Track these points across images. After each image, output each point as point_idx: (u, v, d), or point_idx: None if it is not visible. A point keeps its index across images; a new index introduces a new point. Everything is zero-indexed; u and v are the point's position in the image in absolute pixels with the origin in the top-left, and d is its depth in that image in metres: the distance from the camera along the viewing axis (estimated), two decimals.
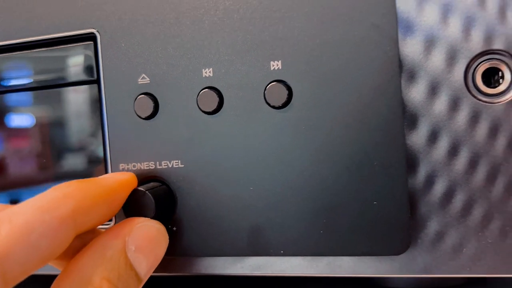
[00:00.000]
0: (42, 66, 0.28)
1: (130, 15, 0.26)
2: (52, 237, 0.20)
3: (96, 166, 0.28)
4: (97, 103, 0.27)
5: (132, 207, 0.24)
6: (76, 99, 0.28)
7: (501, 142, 0.23)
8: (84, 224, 0.21)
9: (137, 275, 0.22)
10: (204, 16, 0.25)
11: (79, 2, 0.27)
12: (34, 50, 0.28)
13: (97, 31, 0.26)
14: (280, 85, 0.24)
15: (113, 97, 0.26)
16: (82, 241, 0.23)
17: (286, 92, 0.24)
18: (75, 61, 0.28)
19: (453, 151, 0.24)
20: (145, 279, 0.22)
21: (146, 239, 0.22)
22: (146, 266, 0.22)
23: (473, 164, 0.23)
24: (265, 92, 0.24)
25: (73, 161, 0.28)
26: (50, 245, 0.20)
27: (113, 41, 0.26)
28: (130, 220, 0.23)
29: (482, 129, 0.23)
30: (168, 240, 0.24)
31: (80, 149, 0.28)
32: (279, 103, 0.24)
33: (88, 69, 0.27)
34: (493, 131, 0.23)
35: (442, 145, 0.24)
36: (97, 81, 0.27)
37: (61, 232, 0.20)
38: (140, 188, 0.24)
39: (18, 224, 0.19)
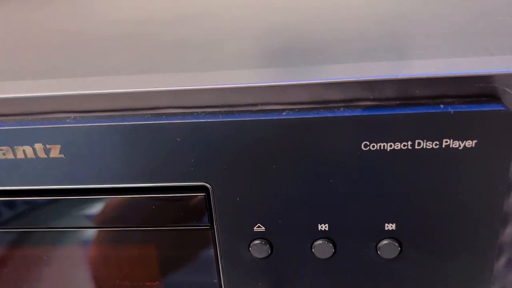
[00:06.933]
0: (158, 208, 0.29)
1: (247, 174, 0.27)
2: None
3: None
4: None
5: None
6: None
7: None
8: None
9: None
10: (318, 177, 0.27)
11: (192, 156, 0.27)
12: (150, 195, 0.28)
13: (209, 184, 0.27)
14: None
15: (227, 240, 0.29)
16: None
17: None
18: (189, 208, 0.28)
19: None
20: None
21: None
22: None
23: None
24: (378, 246, 0.28)
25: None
26: None
27: (227, 194, 0.28)
28: None
29: None
30: None
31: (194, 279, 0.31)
32: None
33: (201, 215, 0.28)
34: None
35: None
36: (211, 226, 0.29)
37: None
38: None
39: None
